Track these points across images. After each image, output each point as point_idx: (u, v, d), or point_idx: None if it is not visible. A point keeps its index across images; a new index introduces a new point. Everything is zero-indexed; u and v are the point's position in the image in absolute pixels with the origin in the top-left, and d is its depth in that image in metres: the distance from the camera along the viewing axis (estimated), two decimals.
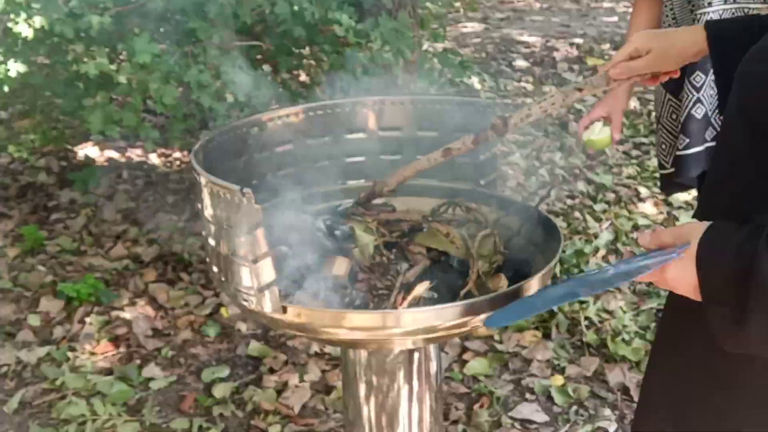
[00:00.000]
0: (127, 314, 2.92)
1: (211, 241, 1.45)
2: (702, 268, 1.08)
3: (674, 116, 2.00)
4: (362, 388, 1.68)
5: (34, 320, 2.89)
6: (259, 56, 3.06)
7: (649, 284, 3.14)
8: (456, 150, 1.58)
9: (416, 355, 1.65)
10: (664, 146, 2.05)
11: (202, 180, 1.40)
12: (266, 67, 3.05)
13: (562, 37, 6.62)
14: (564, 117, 4.77)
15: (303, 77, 3.25)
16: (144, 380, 2.62)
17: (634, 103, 5.05)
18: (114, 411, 2.46)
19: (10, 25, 2.38)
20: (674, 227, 1.17)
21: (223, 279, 1.45)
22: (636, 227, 3.56)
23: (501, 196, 1.82)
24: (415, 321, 1.38)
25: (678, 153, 1.96)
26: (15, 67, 2.46)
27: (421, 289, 1.44)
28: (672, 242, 1.13)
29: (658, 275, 1.13)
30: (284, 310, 1.38)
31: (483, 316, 1.38)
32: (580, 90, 1.47)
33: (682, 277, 1.10)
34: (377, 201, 1.72)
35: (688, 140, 1.94)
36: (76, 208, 3.62)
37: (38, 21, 2.37)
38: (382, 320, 1.39)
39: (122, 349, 2.77)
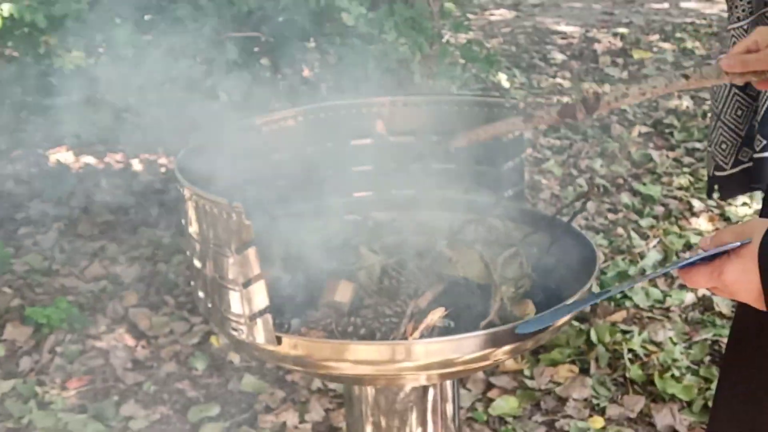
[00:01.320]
0: (103, 343, 2.94)
1: (197, 262, 1.46)
2: (765, 268, 1.06)
3: (740, 113, 1.99)
4: (369, 430, 1.68)
5: None
6: (256, 49, 3.09)
7: (703, 312, 3.13)
8: (538, 118, 1.57)
9: (431, 393, 1.65)
10: (725, 146, 2.05)
11: (186, 192, 1.41)
12: (264, 62, 3.08)
13: (604, 26, 6.63)
14: (606, 118, 4.78)
15: (306, 73, 3.28)
16: (122, 419, 2.63)
17: (687, 103, 5.04)
18: None
19: None
20: (737, 225, 1.16)
21: (209, 305, 1.46)
22: (688, 246, 3.55)
23: (528, 210, 1.82)
24: (429, 353, 1.39)
25: (756, 156, 1.96)
26: None
27: (435, 316, 1.44)
28: (734, 241, 1.12)
29: (716, 279, 1.13)
30: (279, 341, 1.38)
31: (507, 347, 1.40)
32: (686, 78, 1.48)
33: (743, 280, 1.09)
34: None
35: (766, 142, 1.93)
36: (48, 222, 3.66)
37: (6, 8, 2.41)
38: (391, 352, 1.39)
39: (98, 384, 2.79)
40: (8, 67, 2.87)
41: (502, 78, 4.50)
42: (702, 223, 3.76)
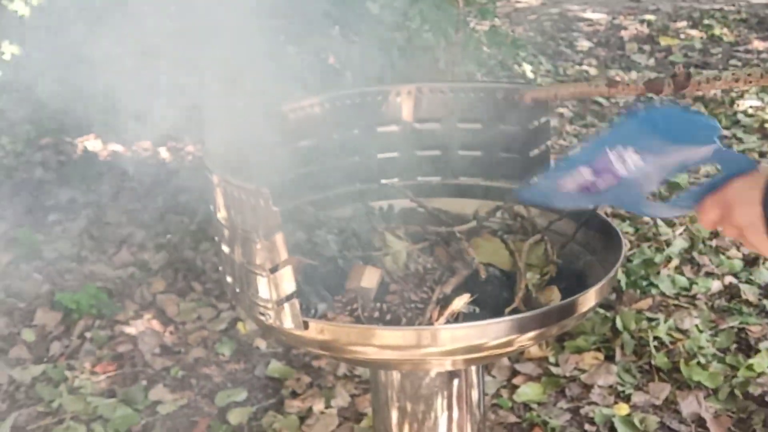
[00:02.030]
0: (132, 329, 2.97)
1: (225, 248, 1.48)
2: None
3: None
4: (395, 416, 1.70)
5: (28, 335, 2.95)
6: (281, 36, 3.09)
7: (730, 300, 3.11)
8: (623, 86, 1.56)
9: (456, 379, 1.66)
10: None
11: (215, 178, 1.43)
12: (290, 49, 3.08)
13: (630, 13, 6.59)
14: (632, 105, 4.74)
15: (331, 61, 3.28)
16: (150, 404, 2.66)
17: (714, 90, 5.00)
18: None
19: (4, 2, 2.43)
20: None
21: (237, 290, 1.47)
22: (715, 233, 3.53)
23: None
24: (454, 339, 1.40)
25: None
26: (10, 50, 2.52)
27: (460, 302, 1.45)
28: None
29: (720, 199, 1.13)
30: (306, 325, 1.39)
31: (532, 333, 1.40)
32: None
33: (745, 196, 1.10)
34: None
35: None
36: (77, 209, 3.69)
37: None
38: (417, 337, 1.40)
39: (126, 369, 2.82)
40: (35, 56, 2.89)
41: (527, 68, 4.48)
42: None
